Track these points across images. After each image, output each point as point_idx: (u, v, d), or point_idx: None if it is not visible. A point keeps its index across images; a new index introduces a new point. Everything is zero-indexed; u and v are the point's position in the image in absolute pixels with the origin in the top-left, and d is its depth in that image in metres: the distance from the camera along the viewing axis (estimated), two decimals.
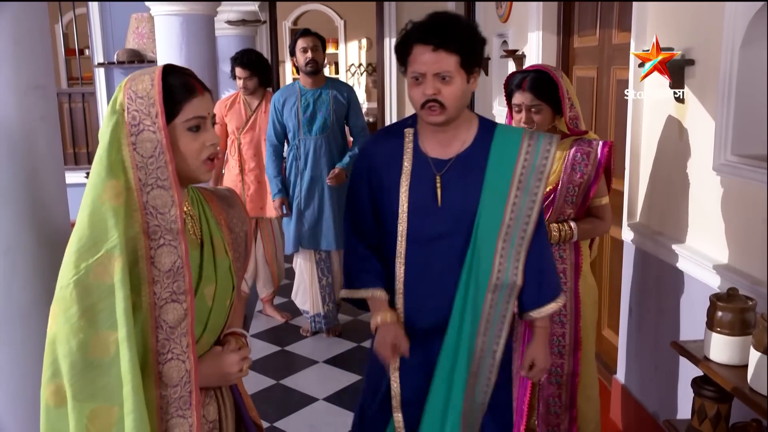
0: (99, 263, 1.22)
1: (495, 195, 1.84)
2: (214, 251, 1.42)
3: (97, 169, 1.26)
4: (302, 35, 3.99)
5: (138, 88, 1.29)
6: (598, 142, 2.44)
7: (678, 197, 2.61)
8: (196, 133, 1.33)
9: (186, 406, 1.30)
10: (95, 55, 6.50)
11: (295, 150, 4.02)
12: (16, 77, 1.81)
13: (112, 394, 1.23)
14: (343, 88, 4.10)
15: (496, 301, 1.87)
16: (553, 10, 4.19)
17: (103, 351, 1.23)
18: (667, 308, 2.70)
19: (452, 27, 1.76)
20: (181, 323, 1.29)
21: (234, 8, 6.16)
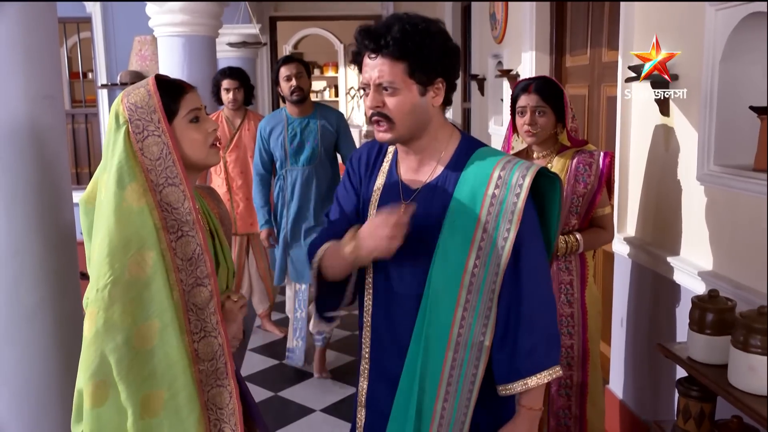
0: (133, 261, 1.34)
1: (456, 236, 1.54)
2: (221, 240, 1.56)
3: (114, 178, 1.36)
4: (284, 63, 3.76)
5: (136, 99, 1.41)
6: (599, 152, 2.49)
7: (665, 207, 2.69)
8: (197, 123, 1.46)
9: (223, 376, 1.43)
10: (98, 77, 6.63)
11: (282, 180, 3.84)
12: (26, 87, 1.89)
13: (158, 380, 1.35)
14: (331, 116, 3.88)
15: (459, 362, 1.56)
16: (546, 30, 4.30)
17: (147, 341, 1.35)
18: (657, 316, 2.76)
19: (398, 30, 1.48)
20: (208, 304, 1.41)
21: (235, 31, 6.29)
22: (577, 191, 2.45)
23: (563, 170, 2.47)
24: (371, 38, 1.50)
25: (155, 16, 4.47)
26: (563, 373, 2.47)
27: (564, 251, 2.45)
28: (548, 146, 2.53)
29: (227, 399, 1.44)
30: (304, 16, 8.66)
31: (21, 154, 1.90)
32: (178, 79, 1.50)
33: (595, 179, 2.45)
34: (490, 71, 5.48)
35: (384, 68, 1.49)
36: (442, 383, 1.55)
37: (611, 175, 2.54)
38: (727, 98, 2.28)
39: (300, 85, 3.71)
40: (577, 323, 2.50)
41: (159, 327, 1.35)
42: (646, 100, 2.77)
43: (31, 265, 1.96)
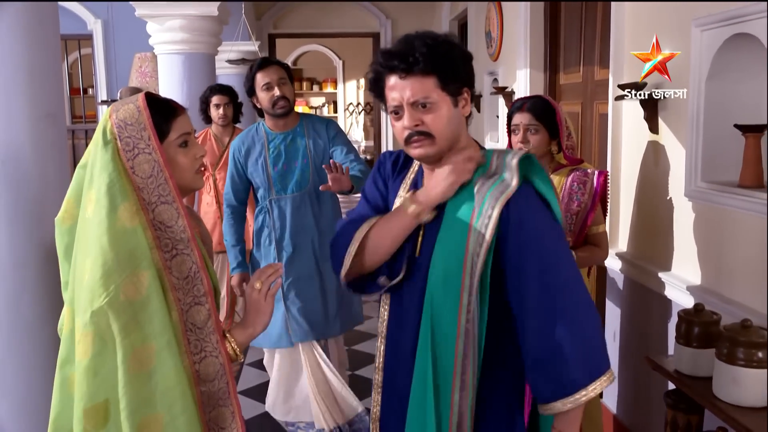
0: (128, 281, 1.30)
1: (456, 222, 1.53)
2: (205, 258, 1.52)
3: (105, 197, 1.32)
4: (261, 68, 2.96)
5: (125, 116, 1.38)
6: (594, 171, 2.52)
7: (655, 223, 2.74)
8: (186, 148, 1.45)
9: (225, 396, 1.41)
10: (99, 93, 6.70)
11: (267, 214, 3.03)
12: (30, 106, 1.95)
13: (156, 403, 1.32)
14: (320, 125, 3.10)
15: (470, 351, 1.52)
16: (540, 48, 4.38)
17: (145, 363, 1.31)
18: (648, 330, 2.80)
19: (421, 45, 1.49)
20: (207, 323, 1.39)
21: (234, 48, 6.37)
22: (571, 209, 2.47)
23: (558, 188, 2.50)
24: (399, 58, 1.49)
25: (156, 34, 4.54)
26: None
27: None
28: (544, 164, 2.56)
29: (230, 419, 1.41)
30: (303, 33, 8.75)
31: (24, 170, 1.95)
32: (170, 99, 1.49)
33: (589, 198, 2.48)
34: (486, 88, 5.56)
35: (416, 85, 1.49)
36: (457, 373, 1.52)
37: (605, 194, 2.56)
38: (713, 116, 2.34)
39: (284, 93, 2.95)
40: None
41: (156, 349, 1.31)
42: (636, 118, 2.83)
43: (33, 279, 2.00)
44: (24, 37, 1.96)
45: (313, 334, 2.98)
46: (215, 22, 4.63)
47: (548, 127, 2.50)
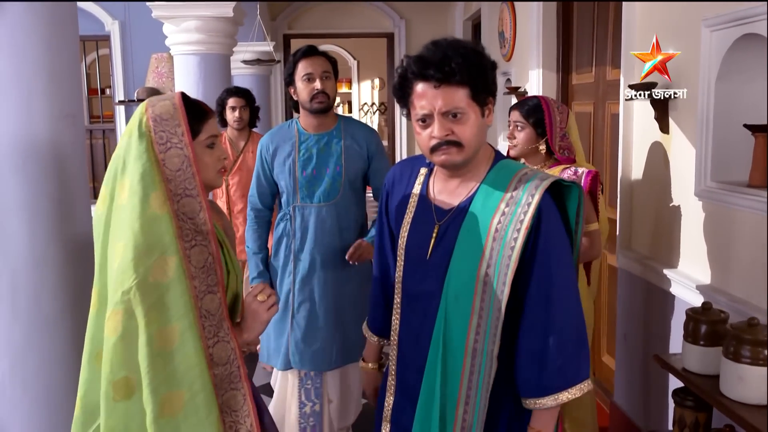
0: (156, 265, 1.40)
1: (470, 243, 1.56)
2: (228, 249, 1.64)
3: (139, 184, 1.42)
4: (305, 56, 2.70)
5: (161, 111, 1.48)
6: (584, 171, 2.55)
7: (666, 222, 2.75)
8: (212, 149, 1.56)
9: (237, 379, 1.50)
10: (116, 93, 6.78)
11: (289, 221, 2.75)
12: (49, 107, 2.00)
13: (178, 380, 1.41)
14: (359, 133, 2.78)
15: (477, 368, 1.57)
16: (553, 49, 4.39)
17: (168, 342, 1.41)
18: (658, 329, 2.82)
19: (456, 55, 1.49)
20: (218, 310, 1.48)
21: (249, 48, 6.42)
22: None
23: None
24: (435, 67, 1.49)
25: (172, 35, 4.60)
26: None
27: None
28: (536, 161, 2.63)
29: (241, 401, 1.49)
30: (318, 34, 8.80)
31: (43, 169, 2.00)
32: (203, 102, 1.59)
33: None
34: (499, 88, 5.55)
35: (449, 95, 1.49)
36: (463, 388, 1.57)
37: (596, 193, 2.58)
38: (722, 116, 2.35)
39: (325, 88, 2.67)
40: None
41: (180, 329, 1.41)
42: (647, 118, 2.85)
43: (52, 275, 2.05)
44: (45, 38, 2.02)
45: (303, 362, 2.74)
46: (230, 23, 4.67)
47: (535, 125, 2.58)
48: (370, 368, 1.99)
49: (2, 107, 1.94)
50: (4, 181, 1.95)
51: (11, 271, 2.01)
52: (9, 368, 2.04)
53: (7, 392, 2.07)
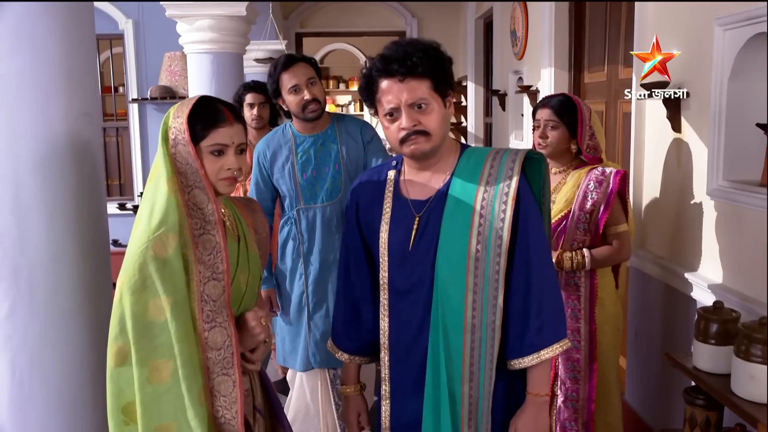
0: (158, 239, 1.48)
1: (456, 224, 1.64)
2: (247, 246, 1.69)
3: (159, 170, 1.54)
4: (287, 66, 2.67)
5: (180, 110, 1.58)
6: (612, 170, 2.48)
7: (678, 221, 2.75)
8: (218, 157, 1.58)
9: (229, 365, 1.53)
10: (129, 92, 6.83)
11: (294, 224, 2.78)
12: (67, 105, 2.02)
13: (168, 350, 1.48)
14: (354, 128, 2.82)
15: (478, 343, 1.64)
16: (565, 47, 4.39)
17: (160, 313, 1.48)
18: (669, 328, 2.82)
19: (416, 51, 1.62)
20: (220, 297, 1.54)
21: (262, 47, 6.45)
22: (584, 208, 2.46)
23: (575, 186, 2.50)
24: (398, 63, 1.60)
25: (185, 34, 4.63)
26: (569, 386, 2.52)
27: (570, 267, 2.46)
28: (564, 161, 2.58)
29: (230, 387, 1.53)
30: (329, 32, 8.82)
31: (61, 167, 2.02)
32: (231, 109, 1.62)
33: (603, 197, 2.44)
34: (511, 87, 5.57)
35: (414, 88, 1.60)
36: (466, 366, 1.64)
37: (625, 194, 2.54)
38: (735, 115, 2.35)
39: (314, 95, 2.66)
40: (584, 339, 2.51)
41: (172, 302, 1.47)
42: (659, 117, 2.85)
43: (69, 271, 2.07)
44: (62, 38, 2.04)
45: (328, 360, 2.75)
46: (243, 22, 4.70)
47: (568, 125, 2.51)
48: (350, 392, 1.91)
49: (22, 106, 1.96)
50: (23, 178, 1.98)
51: (29, 267, 2.03)
52: (27, 363, 2.07)
53: (25, 386, 2.10)
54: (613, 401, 2.63)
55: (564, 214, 2.50)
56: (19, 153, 1.97)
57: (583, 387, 2.52)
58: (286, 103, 2.71)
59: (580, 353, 2.51)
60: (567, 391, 2.53)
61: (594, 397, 2.52)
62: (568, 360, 2.53)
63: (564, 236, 2.50)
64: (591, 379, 2.51)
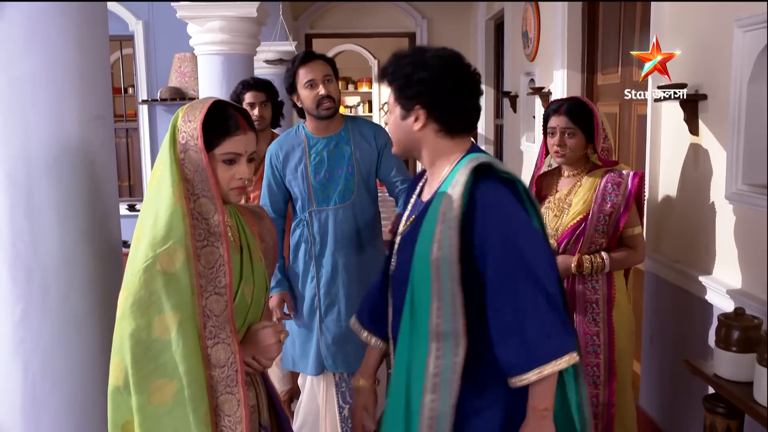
0: (166, 253, 1.42)
1: (427, 229, 1.64)
2: (251, 256, 1.63)
3: (164, 176, 1.47)
4: (305, 61, 2.67)
5: (191, 114, 1.52)
6: (629, 172, 2.48)
7: (694, 225, 2.72)
8: (230, 165, 1.54)
9: (233, 383, 1.47)
10: (139, 93, 6.83)
11: (306, 227, 2.75)
12: (80, 108, 2.01)
13: (171, 370, 1.41)
14: (367, 130, 2.81)
15: (442, 351, 1.60)
16: (578, 48, 4.35)
17: (165, 331, 1.42)
18: (685, 334, 2.78)
19: (395, 60, 1.70)
20: (223, 312, 1.49)
21: (272, 48, 6.43)
22: (604, 210, 2.45)
23: (592, 189, 2.48)
24: (382, 71, 1.74)
25: (195, 35, 4.62)
26: (590, 392, 2.49)
27: (589, 270, 2.45)
28: (579, 165, 2.56)
29: (235, 407, 1.47)
30: (339, 33, 8.79)
31: (73, 170, 2.01)
32: (245, 115, 1.57)
33: (623, 199, 2.44)
34: (523, 89, 5.54)
35: (388, 92, 1.73)
36: (428, 375, 1.60)
37: (641, 195, 2.53)
38: (754, 118, 2.32)
39: (329, 92, 2.66)
40: (603, 343, 2.49)
41: (180, 319, 1.41)
42: (675, 120, 2.81)
43: (81, 274, 2.06)
44: (76, 40, 2.02)
45: (340, 364, 2.74)
46: (254, 23, 4.68)
47: (585, 131, 2.49)
48: (361, 384, 1.87)
49: (34, 108, 1.95)
50: (36, 181, 1.97)
51: (42, 270, 2.02)
52: (40, 366, 2.06)
53: (38, 390, 2.08)
54: (629, 405, 2.61)
55: (582, 216, 2.48)
56: (32, 155, 1.96)
57: (603, 392, 2.50)
58: (301, 98, 2.69)
59: (600, 358, 2.49)
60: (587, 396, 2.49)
61: (614, 401, 2.50)
62: (588, 365, 2.50)
63: (583, 238, 2.48)
64: (610, 384, 2.49)
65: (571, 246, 2.50)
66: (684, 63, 2.75)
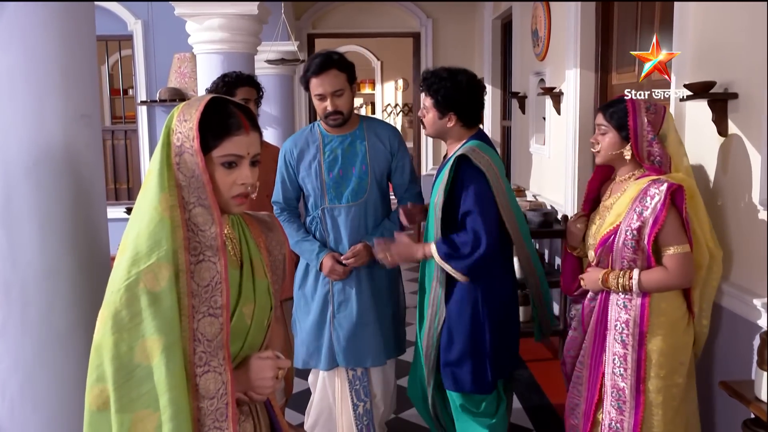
0: (150, 270, 1.27)
1: (437, 185, 2.58)
2: (253, 272, 1.46)
3: (151, 183, 1.32)
4: (317, 74, 2.64)
5: (187, 113, 1.35)
6: (666, 183, 2.22)
7: (725, 234, 2.54)
8: (230, 169, 1.37)
9: (222, 418, 1.32)
10: (138, 94, 6.69)
11: (319, 223, 2.79)
12: (63, 106, 1.85)
13: (154, 400, 1.26)
14: (383, 131, 2.82)
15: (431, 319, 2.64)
16: (591, 47, 4.19)
17: (148, 356, 1.26)
18: (719, 351, 2.59)
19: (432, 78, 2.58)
20: (217, 337, 1.32)
21: (273, 48, 6.28)
22: (632, 225, 2.24)
23: (631, 199, 2.28)
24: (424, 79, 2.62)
25: (195, 34, 4.47)
26: (614, 416, 2.30)
27: (615, 288, 2.28)
28: (626, 170, 2.38)
29: None
30: (342, 33, 8.64)
31: (57, 173, 1.86)
32: (248, 114, 1.40)
33: (651, 213, 2.20)
34: (532, 89, 5.38)
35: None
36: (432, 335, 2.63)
37: (682, 210, 2.24)
38: None
39: (337, 108, 2.67)
40: (630, 367, 2.27)
41: (164, 343, 1.26)
42: (702, 120, 2.64)
43: (65, 287, 1.91)
44: (58, 36, 1.87)
45: (351, 359, 2.78)
46: (255, 22, 4.53)
47: (618, 129, 2.33)
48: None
49: (12, 107, 1.79)
50: (14, 186, 1.81)
51: (21, 283, 1.87)
52: (19, 387, 1.90)
53: (17, 412, 1.93)
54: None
55: (613, 228, 2.31)
56: (9, 157, 1.80)
57: (628, 419, 2.28)
58: (315, 104, 2.74)
59: (626, 382, 2.28)
60: (611, 420, 2.32)
61: (639, 431, 2.27)
62: (613, 387, 2.32)
63: (612, 254, 2.30)
64: (636, 413, 2.27)
65: (604, 258, 2.33)
66: (712, 60, 2.58)
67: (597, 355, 2.37)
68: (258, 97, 3.21)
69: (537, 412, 3.64)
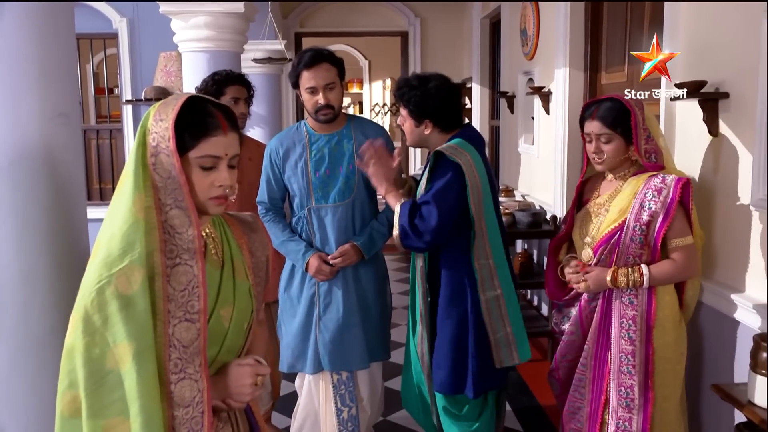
0: (122, 273, 1.23)
1: (422, 180, 2.59)
2: (234, 273, 1.42)
3: (126, 183, 1.28)
4: (309, 66, 2.60)
5: (163, 112, 1.31)
6: (673, 178, 2.24)
7: (715, 235, 2.52)
8: (208, 171, 1.33)
9: (198, 426, 1.28)
10: (123, 93, 6.61)
11: (305, 224, 2.72)
12: (40, 105, 1.80)
13: (126, 407, 1.22)
14: (371, 131, 2.75)
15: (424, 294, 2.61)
16: (580, 46, 4.17)
17: (121, 361, 1.22)
18: (705, 351, 2.58)
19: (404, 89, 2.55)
20: (193, 343, 1.29)
21: (260, 47, 6.23)
22: (641, 219, 2.23)
23: (632, 194, 2.27)
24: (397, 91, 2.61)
25: (180, 32, 4.41)
26: (621, 414, 2.27)
27: (625, 284, 2.25)
28: (623, 168, 2.36)
29: None
30: (330, 32, 8.60)
31: (34, 174, 1.80)
32: (227, 113, 1.36)
33: (662, 208, 2.21)
34: (521, 88, 5.35)
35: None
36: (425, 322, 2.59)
37: (688, 203, 2.26)
38: None
39: (329, 101, 2.62)
40: (639, 364, 2.25)
41: (135, 349, 1.22)
42: (692, 120, 2.62)
43: (42, 291, 1.85)
44: (35, 34, 1.82)
45: (336, 363, 2.71)
46: (241, 20, 4.47)
47: (623, 133, 2.29)
48: None
49: None
50: None
51: None
52: None
53: None
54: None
55: (618, 225, 2.28)
56: None
57: (637, 417, 2.25)
58: (302, 99, 2.68)
59: (634, 379, 2.25)
60: (618, 420, 2.28)
61: (648, 428, 2.25)
62: (621, 386, 2.28)
63: (617, 250, 2.27)
64: (645, 409, 2.24)
65: (606, 256, 2.30)
66: (703, 59, 2.56)
67: (602, 355, 2.33)
68: (249, 96, 3.12)
69: (526, 414, 3.61)
